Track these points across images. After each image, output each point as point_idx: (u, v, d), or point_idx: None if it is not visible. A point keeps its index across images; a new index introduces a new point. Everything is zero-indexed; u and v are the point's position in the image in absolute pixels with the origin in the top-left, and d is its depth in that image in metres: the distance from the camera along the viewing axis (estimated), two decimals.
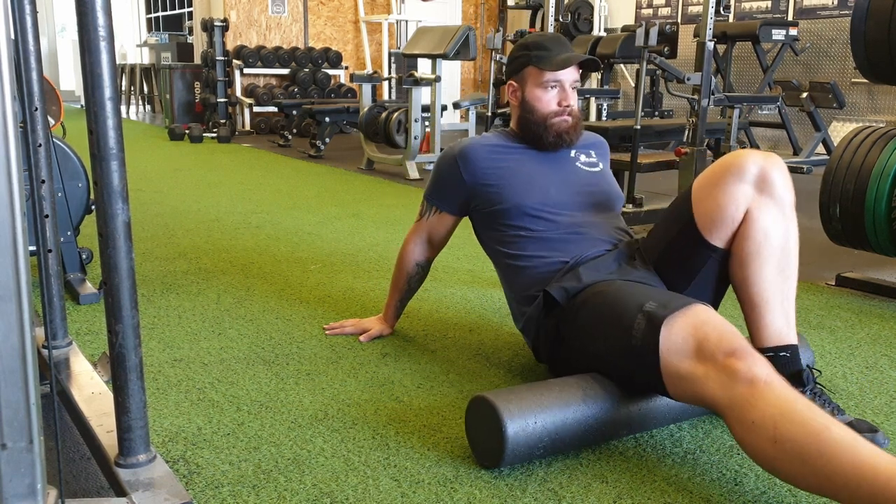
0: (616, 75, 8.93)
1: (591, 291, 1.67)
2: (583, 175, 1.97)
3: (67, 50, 13.40)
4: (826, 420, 1.22)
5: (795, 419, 1.23)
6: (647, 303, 1.50)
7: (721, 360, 1.34)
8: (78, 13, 1.07)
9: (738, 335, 1.40)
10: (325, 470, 1.43)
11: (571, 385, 1.52)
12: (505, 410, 1.41)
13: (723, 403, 1.32)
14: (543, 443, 1.44)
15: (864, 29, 2.60)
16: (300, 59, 8.96)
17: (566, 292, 1.71)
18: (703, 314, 1.44)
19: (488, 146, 1.97)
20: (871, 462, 1.15)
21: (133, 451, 1.23)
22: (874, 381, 1.90)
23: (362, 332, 2.13)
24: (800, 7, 7.20)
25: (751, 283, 1.58)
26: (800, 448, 1.21)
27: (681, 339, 1.41)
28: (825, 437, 1.19)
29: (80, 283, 2.50)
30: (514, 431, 1.40)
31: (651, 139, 4.46)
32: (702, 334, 1.39)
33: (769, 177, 1.59)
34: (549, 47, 1.90)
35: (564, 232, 1.85)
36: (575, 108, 1.92)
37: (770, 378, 1.30)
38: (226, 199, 4.40)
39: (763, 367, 1.32)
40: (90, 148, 1.12)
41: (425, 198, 2.07)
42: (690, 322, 1.42)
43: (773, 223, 1.58)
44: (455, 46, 5.14)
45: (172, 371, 1.88)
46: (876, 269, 2.91)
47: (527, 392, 1.48)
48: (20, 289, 0.91)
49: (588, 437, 1.50)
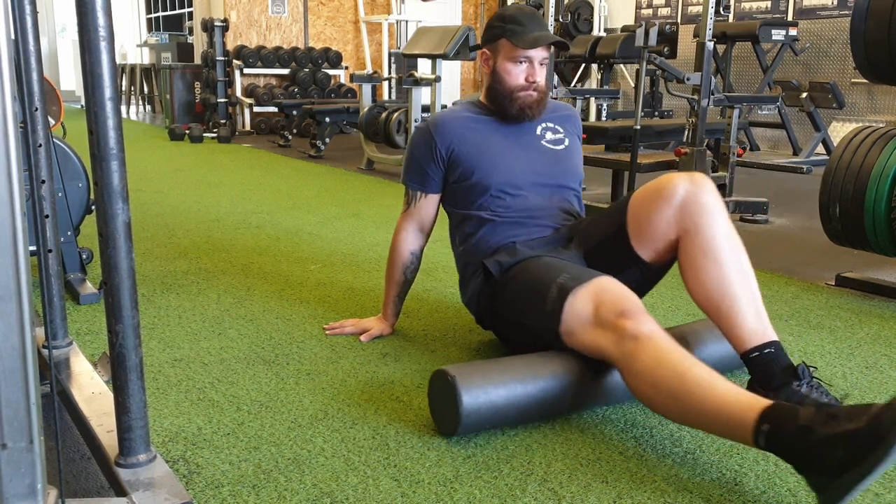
0: (616, 75, 8.93)
1: (521, 267, 1.86)
2: (546, 154, 2.05)
3: (67, 50, 13.40)
4: (691, 363, 1.44)
5: (668, 365, 1.45)
6: (562, 275, 1.72)
7: (613, 320, 1.56)
8: (78, 13, 1.07)
9: (632, 299, 1.60)
10: (325, 470, 1.43)
11: (529, 361, 1.66)
12: (459, 377, 1.53)
13: (615, 357, 1.55)
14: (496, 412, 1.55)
15: (864, 29, 2.60)
16: (300, 60, 8.96)
17: (500, 266, 1.91)
18: (605, 283, 1.66)
19: (458, 118, 2.05)
20: (722, 394, 1.37)
21: (133, 451, 1.23)
22: (874, 381, 1.90)
23: (362, 332, 2.13)
24: (800, 7, 7.20)
25: (709, 295, 1.65)
26: (670, 388, 1.43)
27: (583, 305, 1.63)
28: (689, 377, 1.42)
29: (80, 283, 2.50)
30: (467, 397, 1.51)
31: (651, 139, 4.46)
32: (599, 300, 1.61)
33: (697, 199, 1.69)
34: (524, 23, 1.95)
35: (518, 215, 1.98)
36: (541, 83, 2.00)
37: (652, 333, 1.50)
38: (226, 200, 4.40)
39: (648, 324, 1.52)
40: (90, 148, 1.12)
41: (408, 185, 2.11)
42: (592, 290, 1.65)
43: (710, 238, 1.66)
44: (455, 46, 5.14)
45: (172, 371, 1.88)
46: (876, 269, 2.91)
47: (482, 363, 1.65)
48: (20, 289, 0.91)
49: (542, 409, 1.61)
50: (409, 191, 2.11)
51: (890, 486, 1.40)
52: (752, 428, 1.31)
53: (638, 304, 1.59)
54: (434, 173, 2.05)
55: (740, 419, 1.33)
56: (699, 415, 1.40)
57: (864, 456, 1.18)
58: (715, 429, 1.39)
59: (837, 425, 1.22)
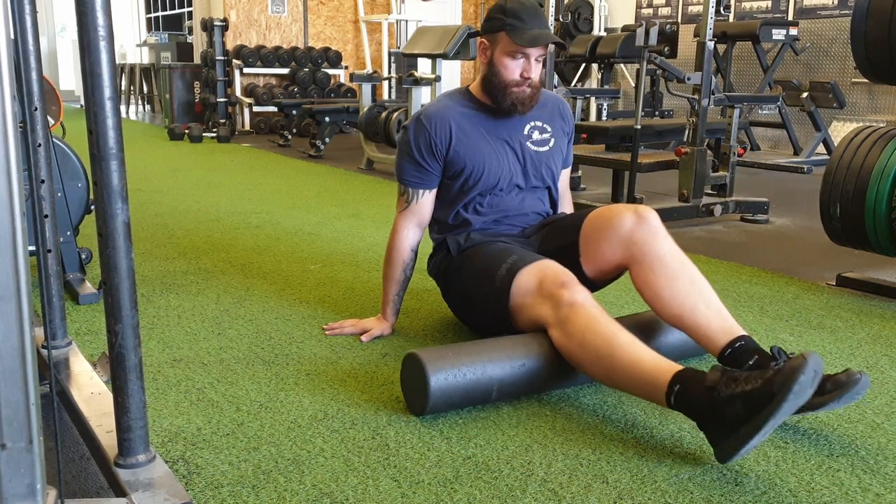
0: (616, 75, 8.93)
1: (476, 248, 2.03)
2: (529, 157, 2.11)
3: (67, 50, 13.39)
4: (615, 328, 1.61)
5: (595, 329, 1.62)
6: (511, 257, 1.90)
7: (553, 290, 1.74)
8: (78, 13, 1.07)
9: (567, 272, 1.79)
10: (325, 470, 1.43)
11: (496, 342, 1.76)
12: (425, 357, 1.64)
13: (551, 322, 1.72)
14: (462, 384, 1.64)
15: (865, 29, 2.59)
16: (300, 59, 8.96)
17: (459, 245, 2.08)
18: (549, 264, 1.84)
19: (451, 111, 2.08)
20: (640, 357, 1.55)
21: (132, 452, 1.23)
22: (874, 381, 1.90)
23: (362, 333, 2.13)
24: (800, 7, 7.20)
25: (671, 313, 1.76)
26: (596, 349, 1.61)
27: (527, 280, 1.81)
28: (613, 341, 1.59)
29: (79, 283, 2.50)
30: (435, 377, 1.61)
31: (651, 139, 4.45)
32: (542, 275, 1.80)
33: (641, 228, 1.83)
34: (525, 19, 1.97)
35: (491, 217, 2.11)
36: (536, 80, 2.04)
37: (585, 301, 1.69)
38: (226, 199, 4.40)
39: (581, 293, 1.71)
40: (90, 148, 1.12)
41: (405, 183, 2.10)
42: (537, 268, 1.83)
43: (658, 259, 1.79)
44: (455, 46, 5.14)
45: (172, 371, 1.88)
46: (876, 269, 2.91)
47: (449, 346, 1.75)
48: (20, 289, 0.91)
49: (508, 389, 1.70)
50: (406, 189, 2.09)
51: (891, 487, 1.40)
52: (665, 389, 1.48)
53: (574, 278, 1.77)
54: (433, 168, 2.06)
55: (655, 380, 1.50)
56: (620, 375, 1.57)
57: (758, 411, 1.35)
58: (633, 388, 1.57)
59: (737, 386, 1.39)
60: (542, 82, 2.09)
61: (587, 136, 4.45)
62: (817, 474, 1.44)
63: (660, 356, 1.56)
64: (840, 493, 1.38)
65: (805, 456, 1.51)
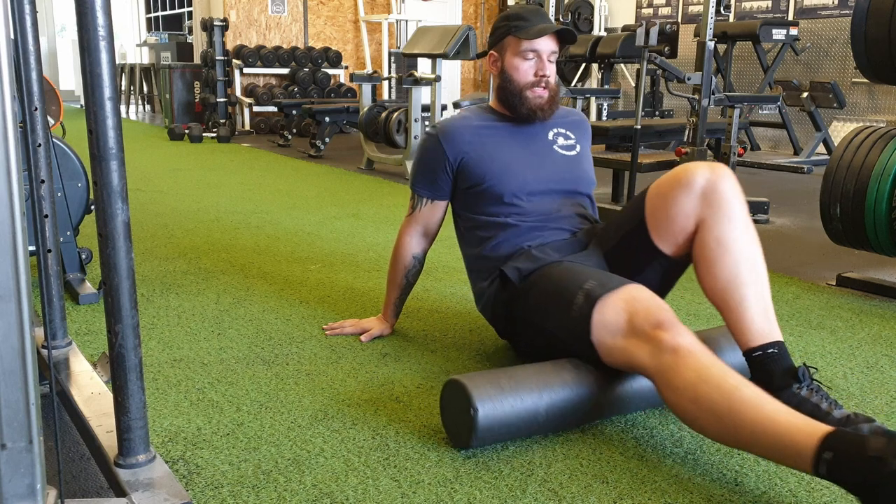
0: (616, 75, 8.93)
1: (541, 272, 1.80)
2: (558, 160, 2.02)
3: (67, 50, 13.39)
4: (737, 381, 1.36)
5: (711, 381, 1.37)
6: (588, 281, 1.65)
7: (649, 331, 1.48)
8: (78, 13, 1.07)
9: (666, 309, 1.52)
10: (325, 470, 1.43)
11: (545, 370, 1.59)
12: (475, 391, 1.47)
13: (652, 370, 1.46)
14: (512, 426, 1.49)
15: (865, 28, 2.59)
16: (300, 59, 8.96)
17: (519, 272, 1.84)
18: (635, 292, 1.58)
19: (468, 125, 2.02)
20: (772, 416, 1.30)
21: (133, 452, 1.23)
22: (875, 381, 1.90)
23: (362, 333, 2.13)
24: (800, 7, 7.20)
25: (721, 289, 1.62)
26: (715, 406, 1.36)
27: (614, 313, 1.56)
28: (735, 396, 1.34)
29: (79, 283, 2.50)
30: (484, 412, 1.45)
31: (651, 139, 4.46)
32: (632, 309, 1.54)
33: (717, 188, 1.65)
34: (528, 18, 1.94)
35: (533, 220, 1.94)
36: (552, 80, 1.96)
37: (692, 347, 1.43)
38: (225, 199, 4.40)
39: (686, 336, 1.45)
40: (90, 148, 1.12)
41: (414, 189, 2.08)
42: (623, 298, 1.57)
43: (726, 231, 1.63)
44: (455, 46, 5.14)
45: (172, 371, 1.88)
46: (876, 269, 2.91)
47: (499, 374, 1.55)
48: (20, 289, 0.91)
49: (560, 419, 1.56)
50: (415, 195, 2.08)
51: None
52: (812, 455, 1.24)
53: (673, 315, 1.52)
54: (443, 181, 2.02)
55: (797, 445, 1.26)
56: (747, 436, 1.32)
57: None
58: (765, 452, 1.32)
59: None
60: (558, 85, 2.01)
61: None
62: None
63: (796, 413, 1.32)
64: (840, 493, 1.38)
65: None
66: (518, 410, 1.50)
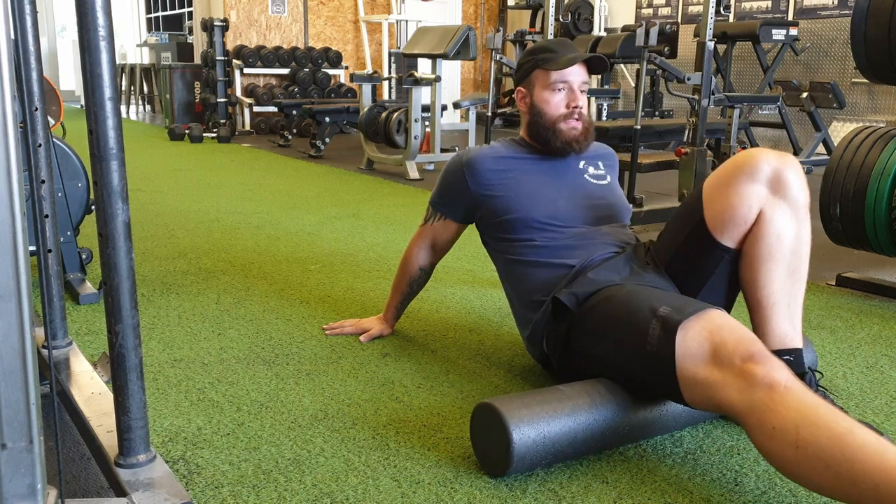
0: (616, 75, 8.93)
1: (602, 295, 1.63)
2: (591, 188, 1.94)
3: (67, 50, 13.39)
4: (849, 423, 1.19)
5: (818, 423, 1.19)
6: (662, 307, 1.47)
7: (739, 365, 1.31)
8: (78, 13, 1.07)
9: (755, 340, 1.37)
10: (325, 470, 1.43)
11: (580, 393, 1.48)
12: (513, 420, 1.38)
13: (742, 409, 1.29)
14: (550, 453, 1.42)
15: (865, 29, 2.60)
16: (300, 59, 8.96)
17: (576, 298, 1.66)
18: (719, 319, 1.41)
19: (496, 157, 1.95)
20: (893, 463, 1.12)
21: (133, 451, 1.23)
22: (874, 381, 1.90)
23: (362, 333, 2.13)
24: (800, 7, 7.20)
25: (759, 286, 1.57)
26: (823, 453, 1.17)
27: (697, 344, 1.38)
28: (849, 440, 1.16)
29: (79, 283, 2.50)
30: (520, 443, 1.37)
31: (651, 139, 4.46)
32: (718, 339, 1.36)
33: (784, 177, 1.56)
34: (555, 49, 1.90)
35: (572, 239, 1.82)
36: (585, 112, 1.90)
37: (790, 382, 1.27)
38: (226, 199, 4.40)
39: (782, 371, 1.29)
40: (90, 148, 1.12)
41: (431, 203, 2.06)
42: (706, 327, 1.39)
43: (787, 225, 1.56)
44: (455, 46, 5.14)
45: (172, 371, 1.88)
46: (876, 269, 2.91)
47: (535, 400, 1.44)
48: (20, 289, 0.91)
49: (595, 446, 1.48)
50: (430, 207, 2.06)
51: None
52: None
53: (765, 347, 1.36)
54: (459, 208, 1.99)
55: None
56: (867, 488, 1.13)
57: None
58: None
59: None
60: (591, 117, 1.93)
61: None
62: None
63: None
64: None
65: None
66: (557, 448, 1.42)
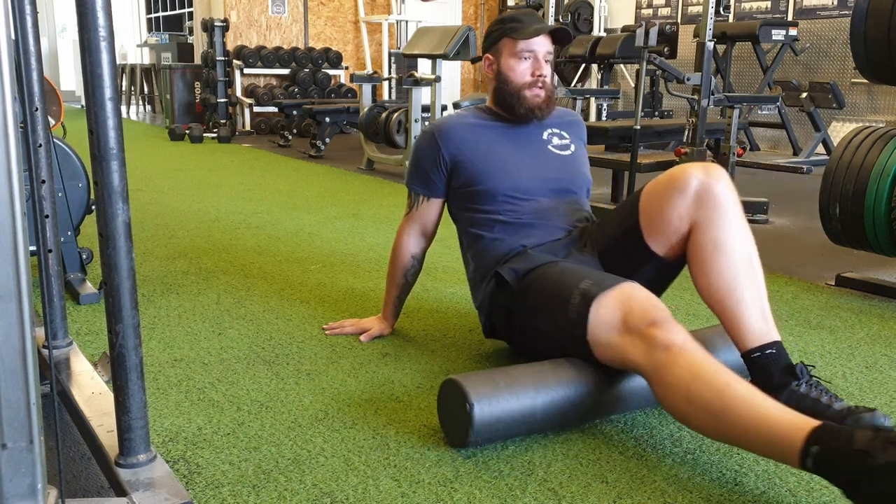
0: (616, 75, 8.93)
1: (538, 273, 1.81)
2: (553, 159, 2.03)
3: (67, 50, 13.39)
4: (728, 378, 1.37)
5: (705, 379, 1.38)
6: (584, 281, 1.66)
7: (643, 329, 1.49)
8: (78, 13, 1.07)
9: (661, 308, 1.54)
10: (325, 470, 1.43)
11: (542, 368, 1.60)
12: (471, 389, 1.48)
13: (645, 367, 1.48)
14: (509, 422, 1.50)
15: (864, 29, 2.60)
16: (300, 60, 8.96)
17: (515, 273, 1.85)
18: (630, 290, 1.60)
19: (465, 124, 2.04)
20: (765, 412, 1.32)
21: (133, 451, 1.23)
22: (874, 380, 1.90)
23: (362, 332, 2.13)
24: (800, 7, 7.20)
25: (715, 290, 1.63)
26: (708, 404, 1.37)
27: (609, 312, 1.57)
28: (728, 393, 1.36)
29: (80, 283, 2.50)
30: (480, 410, 1.46)
31: (651, 139, 4.46)
32: (627, 308, 1.55)
33: (711, 190, 1.65)
34: (523, 20, 1.97)
35: (529, 218, 1.94)
36: (548, 80, 1.99)
37: (685, 344, 1.44)
38: (226, 200, 4.40)
39: (679, 334, 1.46)
40: (90, 148, 1.12)
41: (411, 188, 2.10)
42: (618, 297, 1.58)
43: (721, 233, 1.64)
44: (455, 46, 5.14)
45: (172, 371, 1.88)
46: (876, 269, 2.91)
47: (496, 373, 1.57)
48: (20, 289, 0.91)
49: (557, 418, 1.57)
50: (411, 194, 2.10)
51: None
52: (800, 449, 1.25)
53: (668, 313, 1.52)
54: (437, 179, 2.04)
55: (786, 439, 1.27)
56: (739, 432, 1.34)
57: None
58: (755, 447, 1.33)
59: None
60: (554, 84, 2.04)
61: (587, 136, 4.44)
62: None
63: (787, 409, 1.33)
64: (840, 493, 1.38)
65: None
66: (514, 408, 1.50)
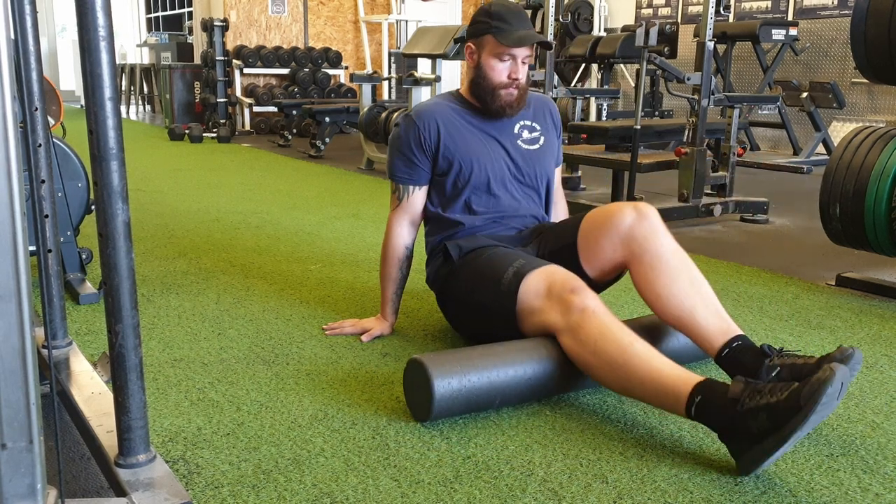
0: (616, 75, 8.93)
1: (478, 252, 1.99)
2: (520, 154, 2.12)
3: (67, 50, 13.39)
4: (632, 338, 1.59)
5: (610, 337, 1.60)
6: (517, 261, 1.86)
7: (563, 295, 1.70)
8: (78, 13, 1.07)
9: (578, 279, 1.75)
10: (325, 470, 1.43)
11: (504, 346, 1.74)
12: (431, 364, 1.61)
13: (561, 327, 1.69)
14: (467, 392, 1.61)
15: (864, 29, 2.60)
16: (300, 59, 8.96)
17: (460, 249, 2.03)
18: (556, 268, 1.81)
19: (441, 111, 2.09)
20: (660, 368, 1.53)
21: (133, 451, 1.23)
22: (874, 380, 1.90)
23: (362, 332, 2.13)
24: (800, 7, 7.20)
25: (669, 308, 1.76)
26: (611, 359, 1.58)
27: (535, 283, 1.77)
28: (630, 351, 1.57)
29: (80, 283, 2.50)
30: (440, 384, 1.58)
31: (651, 139, 4.46)
32: (551, 280, 1.76)
33: (642, 223, 1.83)
34: (510, 21, 2.00)
35: (491, 215, 2.08)
36: (523, 81, 2.06)
37: (597, 309, 1.66)
38: (226, 199, 4.40)
39: (593, 300, 1.68)
40: (90, 148, 1.12)
41: (396, 181, 2.12)
42: (545, 272, 1.80)
43: (654, 258, 1.79)
44: (455, 47, 5.14)
45: (172, 371, 1.88)
46: (876, 269, 2.91)
47: (455, 351, 1.73)
48: (20, 289, 0.91)
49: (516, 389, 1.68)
50: (398, 186, 2.11)
51: (890, 486, 1.41)
52: (685, 399, 1.47)
53: (585, 284, 1.73)
54: (422, 163, 2.08)
55: (675, 391, 1.48)
56: (637, 385, 1.55)
57: (784, 423, 1.33)
58: (650, 399, 1.55)
59: (761, 398, 1.37)
60: (528, 84, 2.12)
61: (587, 136, 4.44)
62: (817, 474, 1.44)
63: (678, 366, 1.54)
64: (840, 493, 1.38)
65: (805, 456, 1.51)
66: (474, 384, 1.62)
